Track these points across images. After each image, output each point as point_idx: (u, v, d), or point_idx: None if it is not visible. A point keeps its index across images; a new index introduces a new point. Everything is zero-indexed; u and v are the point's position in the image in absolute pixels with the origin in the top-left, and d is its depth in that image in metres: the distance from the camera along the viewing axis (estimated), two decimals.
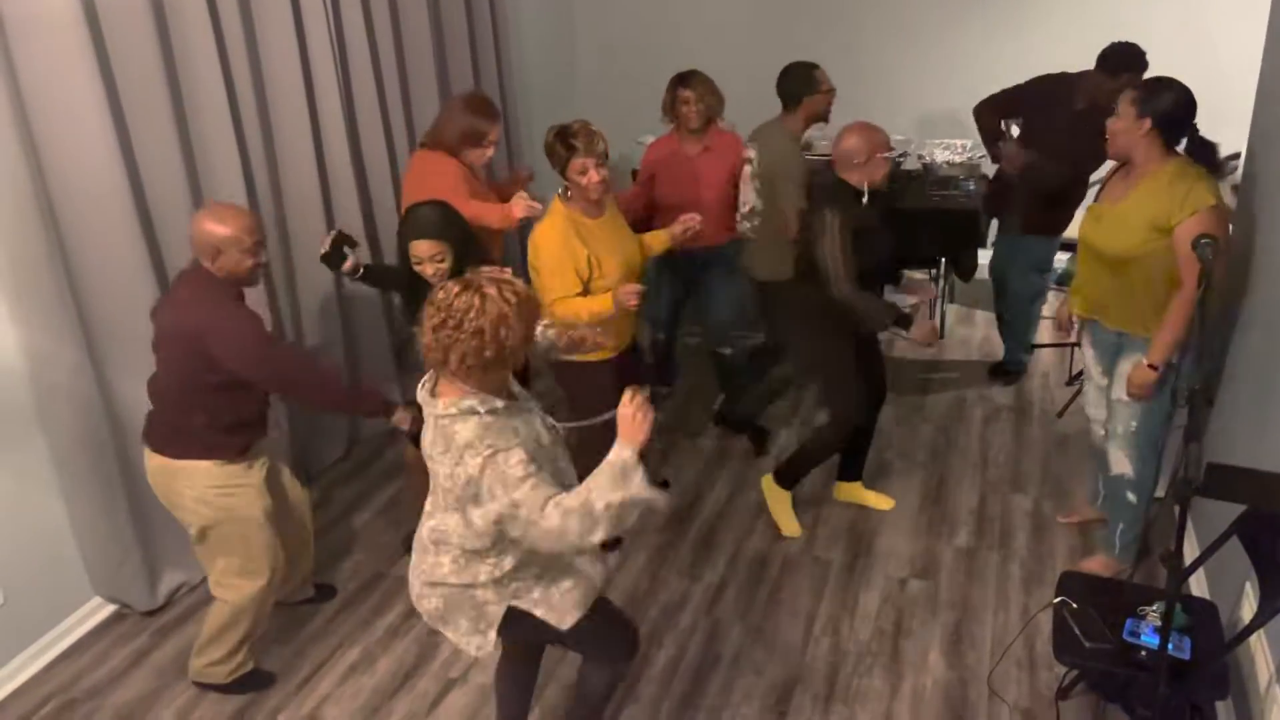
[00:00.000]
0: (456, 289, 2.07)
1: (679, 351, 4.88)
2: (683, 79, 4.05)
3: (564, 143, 3.12)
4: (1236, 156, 4.86)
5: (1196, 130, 2.95)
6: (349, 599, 3.52)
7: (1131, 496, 3.25)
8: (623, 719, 2.96)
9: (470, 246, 3.15)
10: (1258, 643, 2.56)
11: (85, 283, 3.13)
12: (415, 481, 3.65)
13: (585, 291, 3.19)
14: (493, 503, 2.08)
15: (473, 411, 2.10)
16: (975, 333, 5.37)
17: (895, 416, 4.55)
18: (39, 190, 2.94)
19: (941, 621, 3.29)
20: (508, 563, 2.26)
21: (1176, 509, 2.15)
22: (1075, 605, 2.63)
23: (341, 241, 3.33)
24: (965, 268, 5.07)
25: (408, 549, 3.46)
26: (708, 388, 4.75)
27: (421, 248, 3.05)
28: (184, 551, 3.55)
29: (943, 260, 5.14)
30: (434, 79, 4.68)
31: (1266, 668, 2.48)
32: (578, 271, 3.15)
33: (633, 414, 2.13)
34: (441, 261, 3.07)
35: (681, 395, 4.84)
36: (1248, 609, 2.63)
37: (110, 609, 3.48)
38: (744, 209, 4.06)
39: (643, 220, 4.08)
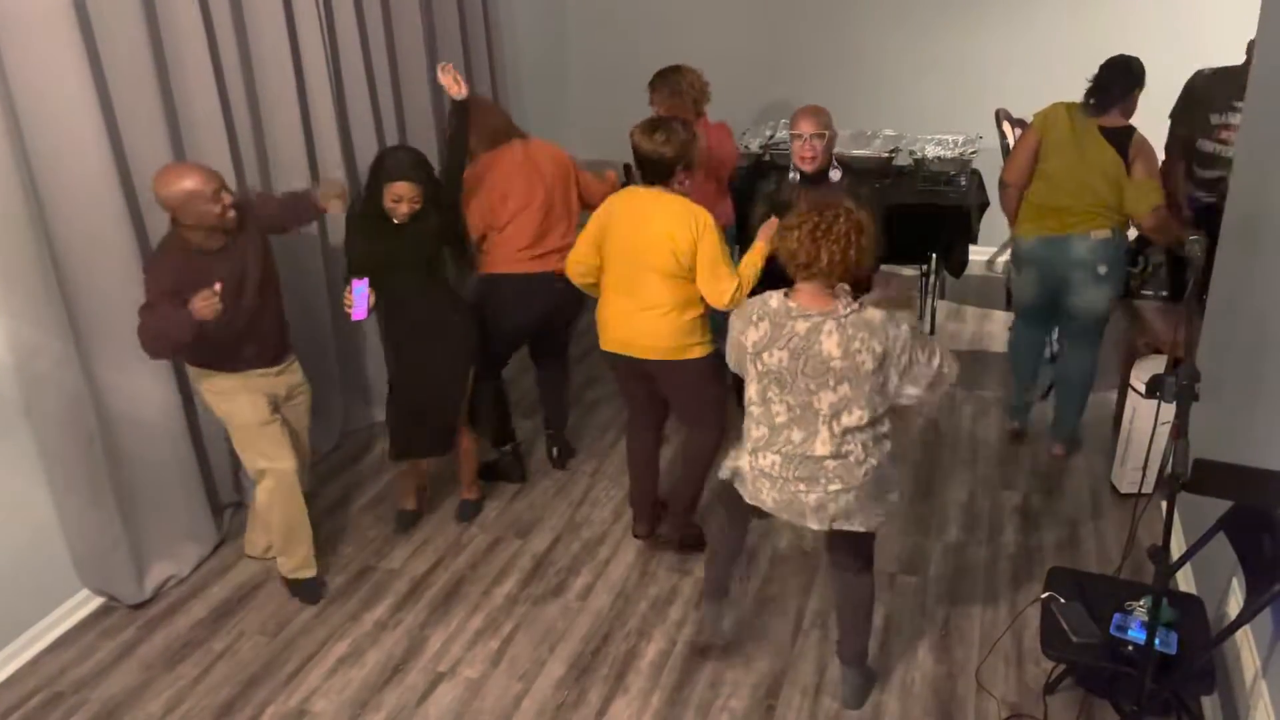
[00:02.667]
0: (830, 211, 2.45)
1: None
2: (653, 80, 4.09)
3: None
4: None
5: None
6: (338, 592, 3.51)
7: None
8: (612, 712, 2.96)
9: (438, 190, 3.40)
10: (1244, 638, 2.57)
11: (72, 274, 3.12)
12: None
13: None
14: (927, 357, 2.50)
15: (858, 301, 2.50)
16: (965, 328, 5.38)
17: None
18: (25, 180, 2.92)
19: (930, 616, 3.30)
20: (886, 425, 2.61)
21: (1164, 505, 2.16)
22: (1063, 600, 2.65)
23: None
24: (956, 263, 5.07)
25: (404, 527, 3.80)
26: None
27: (401, 188, 3.25)
28: (172, 544, 3.54)
29: (934, 256, 5.14)
30: (424, 70, 4.66)
31: (1252, 663, 2.49)
32: None
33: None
34: (416, 202, 3.30)
35: None
36: (1234, 604, 2.64)
37: (97, 602, 3.46)
38: None
39: None
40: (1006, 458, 4.17)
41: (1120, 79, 3.68)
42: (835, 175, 3.63)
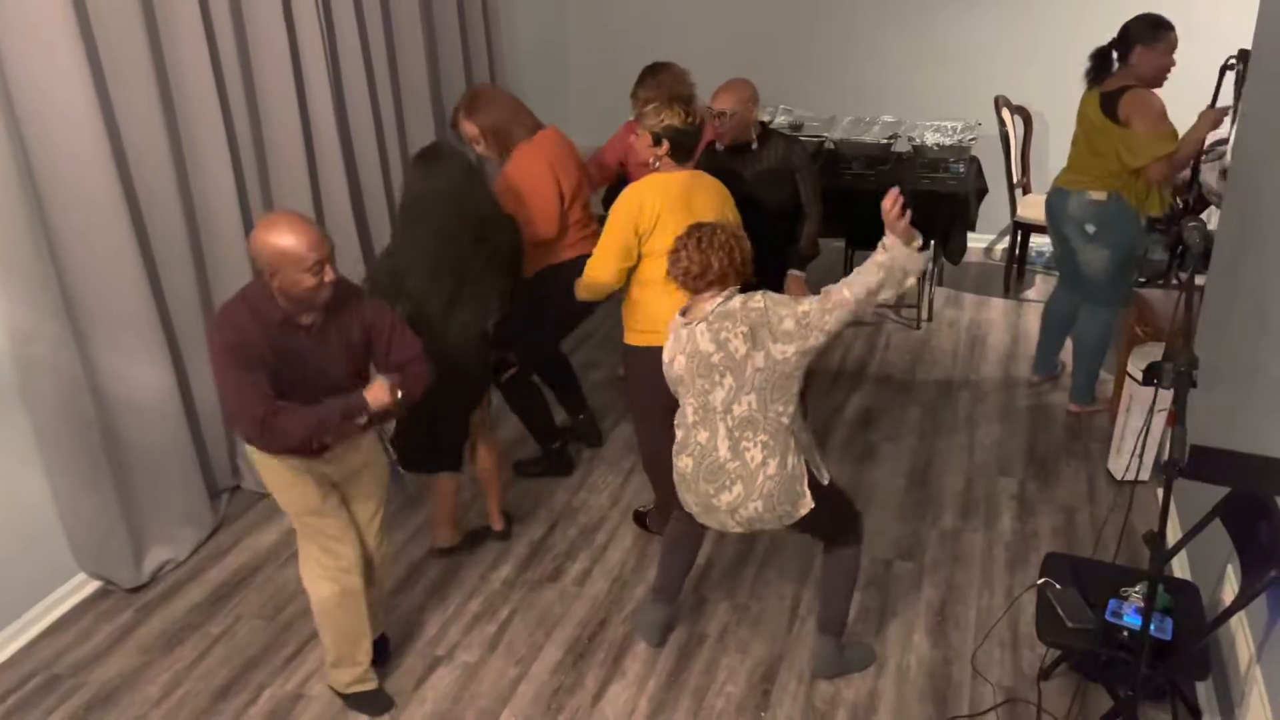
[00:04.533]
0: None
1: None
2: (641, 76, 4.06)
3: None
4: (1224, 142, 4.87)
5: None
6: None
7: None
8: (608, 695, 2.97)
9: None
10: (1239, 624, 2.58)
11: (69, 258, 3.11)
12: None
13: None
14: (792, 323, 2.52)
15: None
16: (963, 315, 5.38)
17: (883, 399, 4.56)
18: (21, 164, 2.91)
19: (926, 602, 3.31)
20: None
21: (1161, 491, 2.16)
22: (1059, 586, 2.65)
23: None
24: (954, 250, 5.06)
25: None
26: None
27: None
28: (169, 528, 3.54)
29: (932, 242, 5.13)
30: (424, 66, 4.66)
31: (1247, 649, 2.50)
32: None
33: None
34: None
35: None
36: (1229, 591, 2.65)
37: (94, 585, 3.46)
38: None
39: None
40: (1003, 443, 4.18)
41: (1115, 44, 3.85)
42: (754, 147, 3.75)
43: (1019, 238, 5.54)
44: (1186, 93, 4.35)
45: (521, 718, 2.91)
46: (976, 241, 6.08)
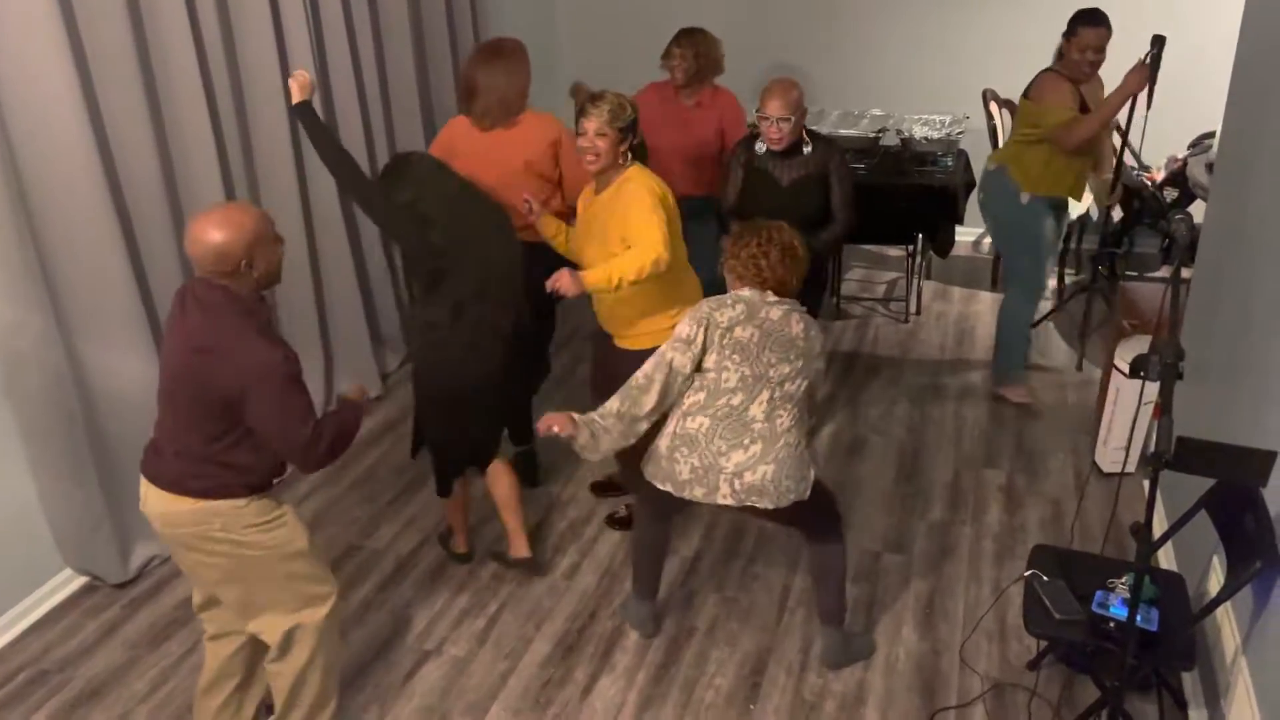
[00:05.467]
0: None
1: None
2: (679, 35, 4.15)
3: (582, 106, 3.00)
4: (1212, 135, 4.90)
5: None
6: None
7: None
8: (598, 689, 2.97)
9: None
10: (1224, 615, 2.60)
11: (53, 250, 3.08)
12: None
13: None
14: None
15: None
16: (951, 309, 5.39)
17: (871, 392, 4.57)
18: (6, 157, 2.88)
19: (915, 594, 3.32)
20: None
21: (1147, 483, 2.17)
22: (1046, 578, 2.66)
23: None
24: (943, 244, 5.07)
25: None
26: None
27: None
28: None
29: (920, 236, 5.15)
30: (410, 57, 4.64)
31: (1233, 639, 2.52)
32: None
33: None
34: None
35: None
36: (1214, 582, 2.67)
37: (81, 581, 3.45)
38: None
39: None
40: (991, 436, 4.19)
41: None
42: (807, 150, 3.66)
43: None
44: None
45: (511, 712, 2.91)
46: (964, 235, 6.09)
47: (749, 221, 2.84)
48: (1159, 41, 3.81)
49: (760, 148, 3.68)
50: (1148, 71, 3.78)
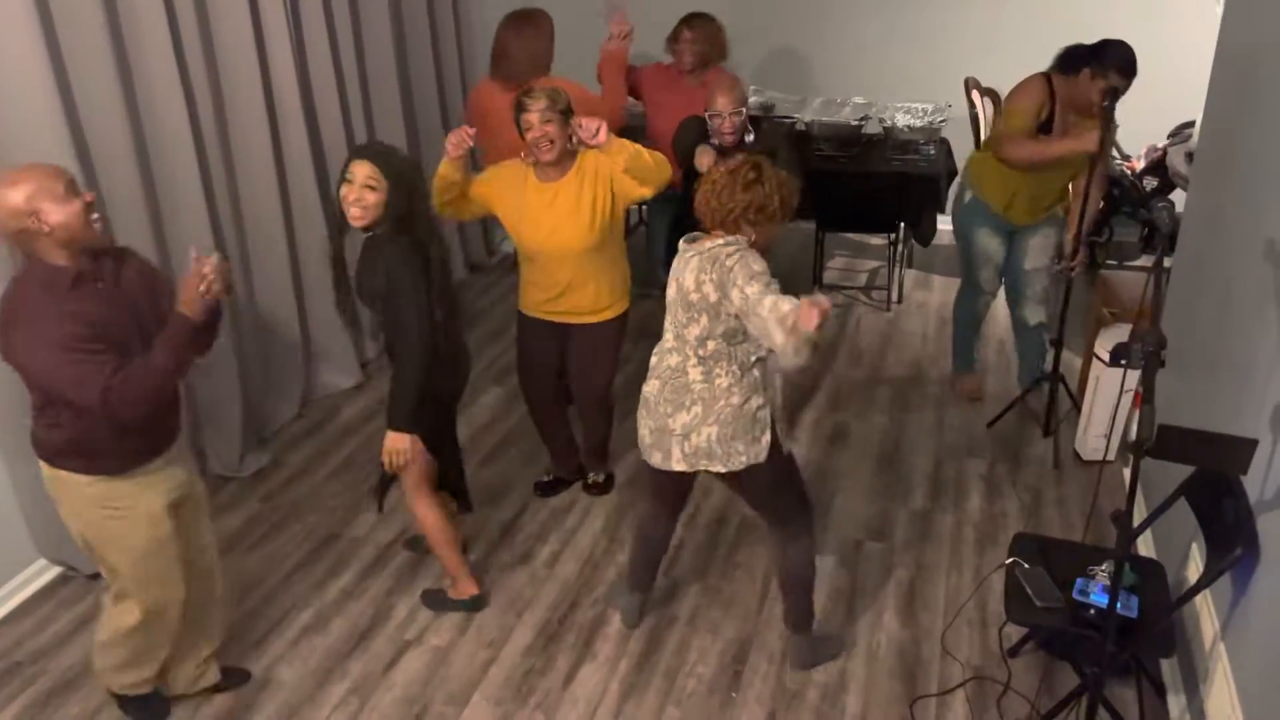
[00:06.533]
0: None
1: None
2: (689, 19, 4.35)
3: (517, 101, 3.09)
4: (1192, 124, 4.91)
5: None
6: (302, 561, 3.48)
7: (1045, 336, 4.10)
8: (580, 677, 2.96)
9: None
10: (1203, 602, 2.61)
11: None
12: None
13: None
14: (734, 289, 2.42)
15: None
16: (933, 297, 5.40)
17: (853, 380, 4.57)
18: None
19: (896, 582, 3.33)
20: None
21: (1127, 470, 2.17)
22: (1026, 566, 2.67)
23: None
24: (925, 232, 5.07)
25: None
26: None
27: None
28: None
29: (902, 225, 5.14)
30: (391, 55, 4.61)
31: (1211, 626, 2.53)
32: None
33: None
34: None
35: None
36: (1193, 569, 2.68)
37: (55, 571, 3.40)
38: None
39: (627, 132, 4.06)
40: (972, 425, 4.20)
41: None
42: (749, 139, 3.73)
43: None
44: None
45: (492, 701, 2.90)
46: (946, 224, 6.08)
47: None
48: (1113, 94, 3.40)
49: (718, 143, 3.69)
50: (1101, 135, 3.43)
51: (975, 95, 5.36)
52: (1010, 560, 2.71)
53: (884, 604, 3.23)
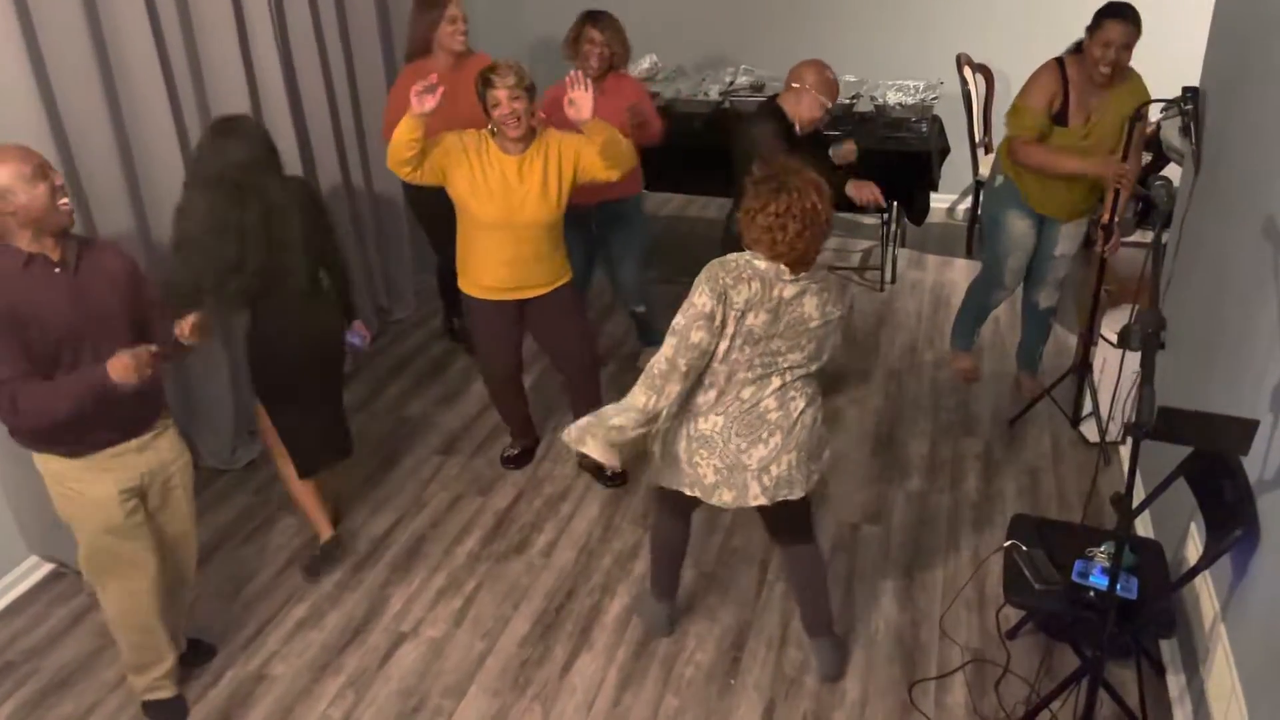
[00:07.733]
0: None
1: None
2: (593, 17, 3.87)
3: (484, 78, 3.11)
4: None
5: None
6: (294, 555, 3.45)
7: (1052, 320, 4.16)
8: (577, 667, 2.95)
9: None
10: (1203, 582, 2.60)
11: None
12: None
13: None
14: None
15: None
16: (927, 276, 5.37)
17: (847, 362, 4.54)
18: None
19: (894, 565, 3.31)
20: None
21: (1127, 451, 2.15)
22: (1025, 548, 2.66)
23: None
24: (917, 210, 5.04)
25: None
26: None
27: None
28: None
29: (895, 203, 5.11)
30: (377, 41, 4.56)
31: (1211, 607, 2.52)
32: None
33: None
34: None
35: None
36: (1192, 549, 2.67)
37: (47, 568, 3.37)
38: None
39: None
40: (968, 405, 4.18)
41: None
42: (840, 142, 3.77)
43: (981, 197, 5.51)
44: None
45: (489, 692, 2.88)
46: (939, 202, 6.06)
47: (771, 168, 2.44)
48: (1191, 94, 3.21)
49: (802, 132, 3.59)
50: (1127, 172, 3.45)
51: (967, 72, 5.32)
52: (1009, 542, 2.70)
53: (882, 588, 3.21)
